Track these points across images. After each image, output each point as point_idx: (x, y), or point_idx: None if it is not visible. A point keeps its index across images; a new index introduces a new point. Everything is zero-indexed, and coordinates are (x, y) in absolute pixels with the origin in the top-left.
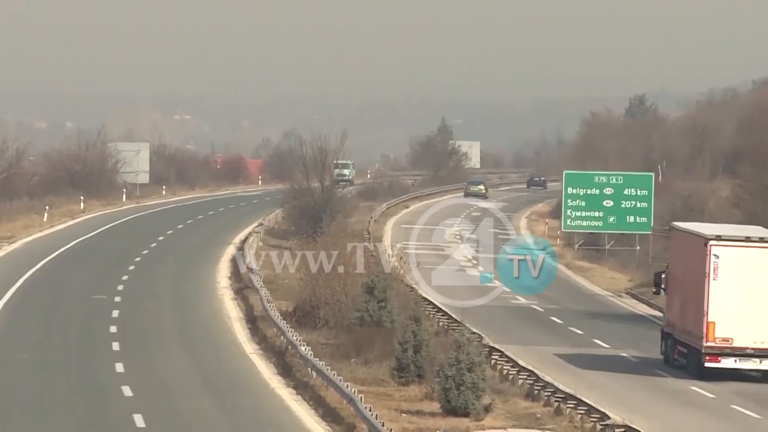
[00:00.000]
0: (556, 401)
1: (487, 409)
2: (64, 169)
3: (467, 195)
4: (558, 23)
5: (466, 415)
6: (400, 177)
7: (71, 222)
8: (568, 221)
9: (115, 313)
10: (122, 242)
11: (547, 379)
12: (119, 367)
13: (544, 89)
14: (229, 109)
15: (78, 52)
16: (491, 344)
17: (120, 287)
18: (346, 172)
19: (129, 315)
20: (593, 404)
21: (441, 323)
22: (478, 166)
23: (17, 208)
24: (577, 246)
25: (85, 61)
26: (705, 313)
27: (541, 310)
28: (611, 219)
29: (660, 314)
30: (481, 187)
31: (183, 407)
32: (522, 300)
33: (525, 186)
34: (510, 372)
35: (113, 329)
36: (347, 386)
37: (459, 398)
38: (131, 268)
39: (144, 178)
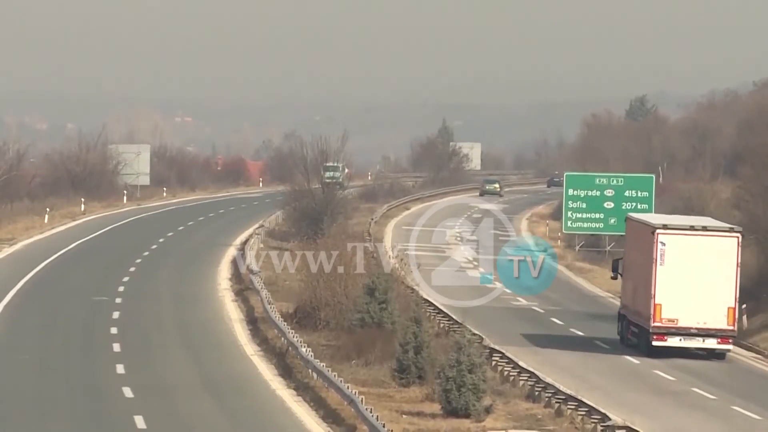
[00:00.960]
0: (556, 402)
1: (488, 410)
2: (64, 170)
3: (483, 194)
4: (558, 25)
5: (467, 416)
6: (400, 179)
7: (72, 224)
8: (569, 223)
9: (116, 315)
10: (123, 244)
11: (548, 380)
12: (120, 369)
13: (544, 91)
14: (229, 111)
15: (79, 54)
16: (492, 346)
17: (121, 289)
18: (336, 174)
19: (130, 316)
20: (594, 405)
21: (442, 325)
22: (478, 167)
23: (18, 209)
24: (577, 247)
25: (86, 62)
26: (652, 296)
27: (542, 311)
28: (612, 221)
29: None
30: (497, 185)
31: (183, 409)
32: (523, 301)
33: (545, 186)
34: (511, 373)
35: (114, 330)
36: (348, 387)
37: (460, 399)
38: (132, 269)
39: (145, 179)
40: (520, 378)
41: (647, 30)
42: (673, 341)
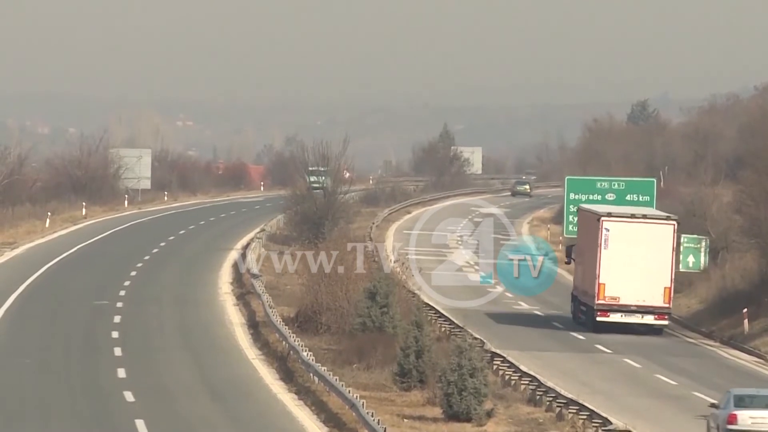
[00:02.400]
0: (558, 406)
1: (489, 414)
2: (66, 174)
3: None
4: (560, 28)
5: (468, 420)
6: (402, 183)
7: (73, 228)
8: (570, 227)
9: (117, 319)
10: (124, 248)
11: (549, 384)
12: (121, 373)
13: (546, 94)
14: (230, 114)
15: (81, 57)
16: (493, 349)
17: (122, 293)
18: (321, 179)
19: (131, 320)
20: (595, 409)
21: (443, 329)
22: (479, 171)
23: (19, 213)
24: None
25: (87, 65)
26: (597, 276)
27: (543, 315)
28: None
29: None
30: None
31: (185, 412)
32: (524, 305)
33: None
34: (512, 377)
35: (115, 334)
36: (349, 391)
37: (461, 403)
38: (133, 273)
39: (146, 184)
40: (522, 382)
41: (649, 34)
42: (615, 317)
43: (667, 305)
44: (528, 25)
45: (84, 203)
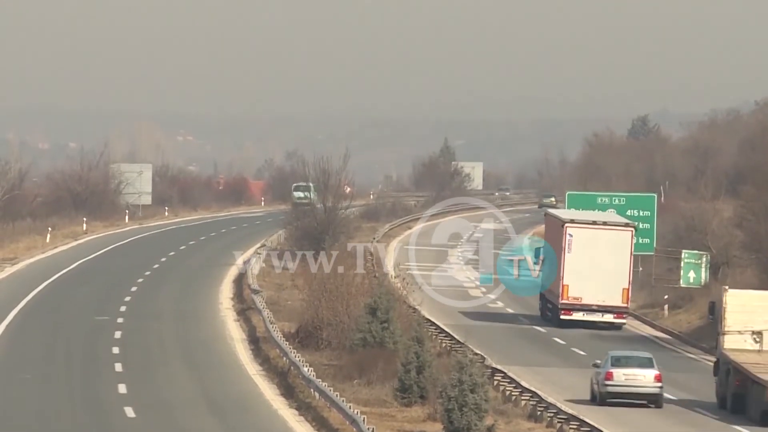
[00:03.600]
0: (559, 422)
1: (490, 430)
2: (66, 190)
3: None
4: (561, 43)
5: None
6: (402, 198)
7: (74, 243)
8: None
9: (118, 334)
10: (125, 263)
11: (550, 400)
12: (122, 388)
13: (546, 109)
14: (231, 128)
15: (81, 72)
16: (494, 365)
17: (123, 308)
18: (307, 194)
19: (132, 336)
20: (596, 425)
21: (444, 344)
22: (480, 187)
23: (20, 229)
24: None
25: (88, 80)
26: (561, 278)
27: (544, 331)
28: None
29: (664, 335)
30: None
31: (186, 428)
32: (525, 321)
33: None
34: (513, 393)
35: (116, 350)
36: (350, 407)
37: (462, 419)
38: (134, 289)
39: (146, 199)
40: (522, 398)
41: (650, 49)
42: (578, 315)
43: (625, 305)
44: (529, 40)
45: (85, 218)
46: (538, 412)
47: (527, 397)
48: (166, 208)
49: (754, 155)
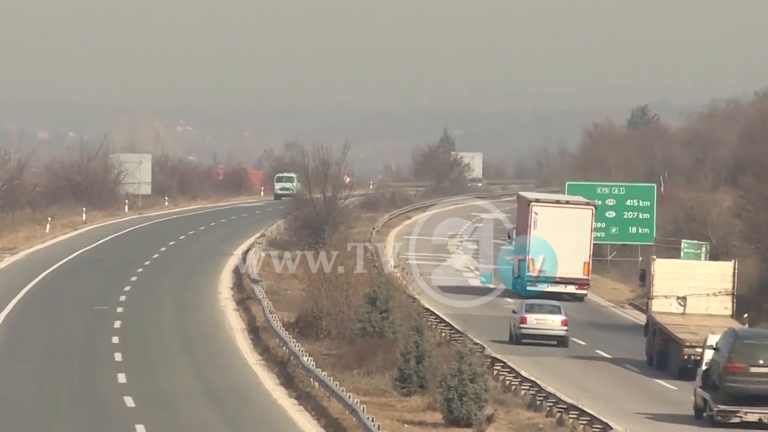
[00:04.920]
0: (558, 412)
1: (490, 419)
2: (66, 180)
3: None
4: (560, 33)
5: (468, 425)
6: (402, 188)
7: (73, 233)
8: None
9: (118, 324)
10: (124, 253)
11: (550, 389)
12: (121, 378)
13: (546, 99)
14: (230, 119)
15: (80, 62)
16: (493, 355)
17: (122, 298)
18: (290, 185)
19: (131, 326)
20: (595, 414)
21: (443, 334)
22: (480, 177)
23: (19, 219)
24: None
25: (87, 70)
26: (528, 252)
27: None
28: (613, 230)
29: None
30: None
31: (185, 418)
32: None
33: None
34: (512, 383)
35: (115, 340)
36: (349, 397)
37: (461, 409)
38: (133, 278)
39: (146, 189)
40: (522, 387)
41: (649, 39)
42: (543, 287)
43: (586, 277)
44: (528, 30)
45: (84, 208)
46: (538, 402)
47: (527, 387)
48: (166, 197)
49: (754, 145)
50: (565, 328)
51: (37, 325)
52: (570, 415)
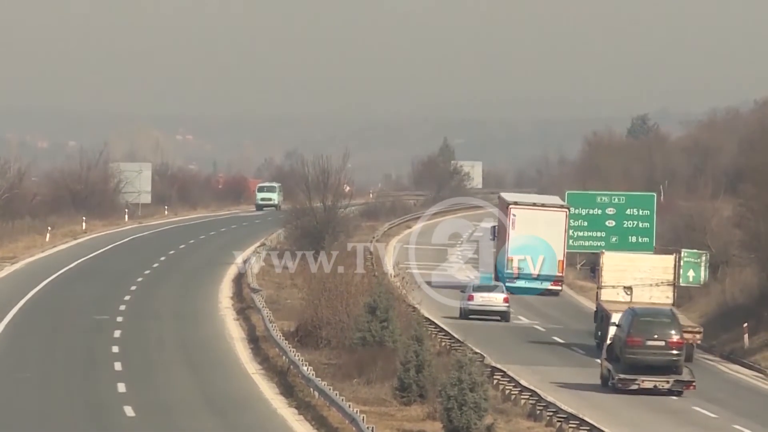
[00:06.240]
0: (558, 421)
1: (490, 429)
2: (66, 189)
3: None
4: (560, 43)
5: None
6: (402, 197)
7: (73, 242)
8: (570, 242)
9: (117, 333)
10: (124, 262)
11: (550, 399)
12: (121, 387)
13: (545, 108)
14: (230, 128)
15: (80, 71)
16: (493, 364)
17: (122, 307)
18: (272, 196)
19: (131, 335)
20: (595, 424)
21: (443, 343)
22: (480, 186)
23: (19, 228)
24: (579, 266)
25: (87, 79)
26: (507, 252)
27: (543, 329)
28: (613, 239)
29: None
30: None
31: (185, 427)
32: (524, 320)
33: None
34: (512, 392)
35: (115, 349)
36: (349, 406)
37: (461, 418)
38: (133, 288)
39: (146, 198)
40: (522, 396)
41: (649, 48)
42: (521, 283)
43: (560, 274)
44: (528, 39)
45: (84, 217)
46: (538, 411)
47: (527, 396)
48: (166, 206)
49: (754, 154)
50: (507, 305)
51: (37, 334)
52: (570, 425)
